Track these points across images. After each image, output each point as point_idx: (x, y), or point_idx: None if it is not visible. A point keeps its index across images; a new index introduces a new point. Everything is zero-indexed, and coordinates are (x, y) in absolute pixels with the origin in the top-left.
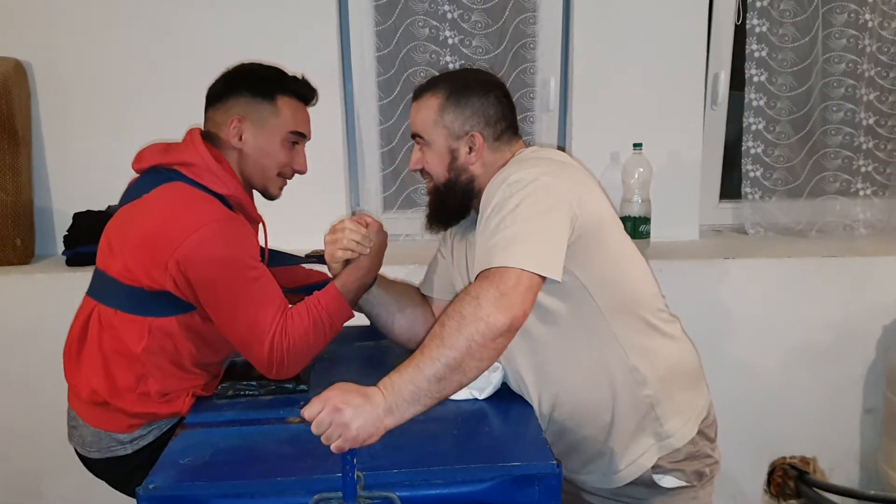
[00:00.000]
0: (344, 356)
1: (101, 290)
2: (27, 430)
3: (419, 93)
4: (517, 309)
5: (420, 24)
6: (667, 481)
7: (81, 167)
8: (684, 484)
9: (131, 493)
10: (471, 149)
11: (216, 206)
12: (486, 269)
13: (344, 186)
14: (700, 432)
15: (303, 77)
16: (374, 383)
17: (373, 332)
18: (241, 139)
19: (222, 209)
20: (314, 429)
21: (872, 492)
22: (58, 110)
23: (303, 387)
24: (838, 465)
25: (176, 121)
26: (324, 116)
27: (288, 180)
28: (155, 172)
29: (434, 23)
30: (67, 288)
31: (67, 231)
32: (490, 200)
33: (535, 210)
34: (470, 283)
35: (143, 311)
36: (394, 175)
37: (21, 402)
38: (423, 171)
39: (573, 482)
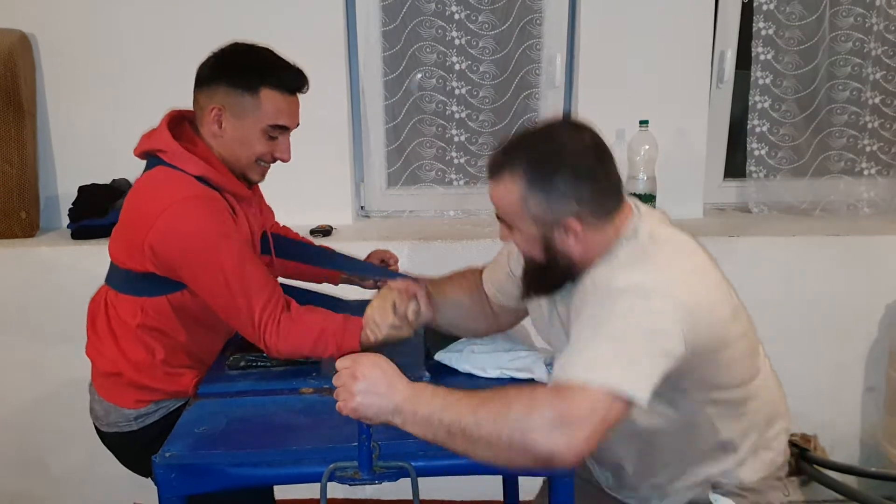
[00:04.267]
0: None
1: (109, 272)
2: (33, 402)
3: (495, 170)
4: (577, 445)
5: None
6: (722, 502)
7: (86, 140)
8: None
9: (138, 470)
10: (567, 231)
11: (185, 186)
12: (563, 383)
13: (349, 162)
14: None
15: (293, 65)
16: (391, 358)
17: None
18: (220, 127)
19: (191, 188)
20: (334, 379)
21: (873, 469)
22: (63, 83)
23: (314, 359)
24: (839, 442)
25: (181, 93)
26: (329, 92)
27: (270, 164)
28: (147, 157)
29: None
30: (72, 261)
31: (72, 204)
32: (587, 301)
33: (638, 330)
34: (539, 385)
35: (135, 291)
36: (398, 151)
37: (26, 374)
38: None
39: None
